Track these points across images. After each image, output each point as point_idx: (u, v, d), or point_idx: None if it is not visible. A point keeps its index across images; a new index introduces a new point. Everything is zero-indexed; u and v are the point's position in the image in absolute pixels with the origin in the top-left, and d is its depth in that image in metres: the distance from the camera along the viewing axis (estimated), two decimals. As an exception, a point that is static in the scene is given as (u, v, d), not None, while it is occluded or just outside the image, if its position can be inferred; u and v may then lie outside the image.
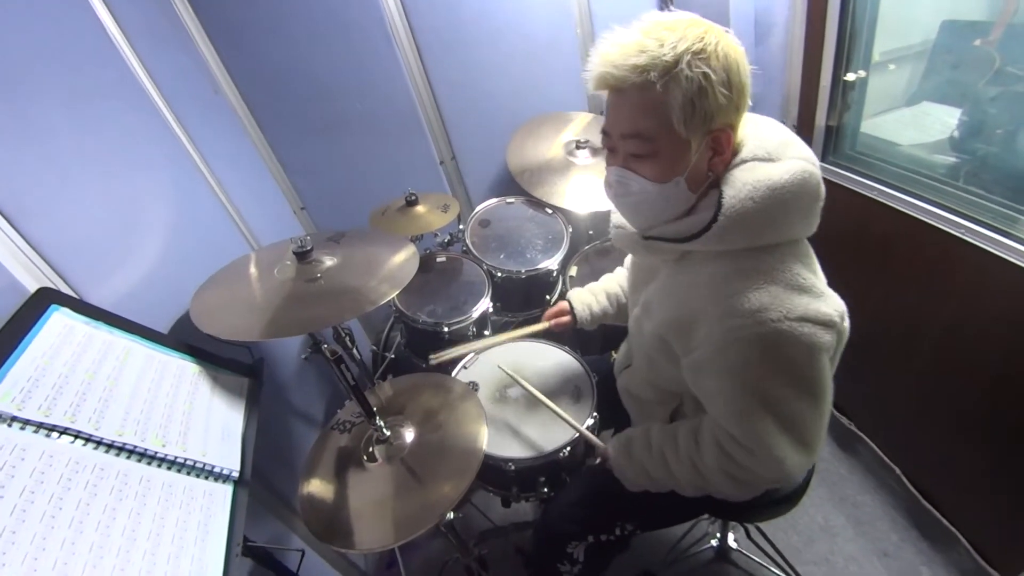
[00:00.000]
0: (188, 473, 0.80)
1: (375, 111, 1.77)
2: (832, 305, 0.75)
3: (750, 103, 0.76)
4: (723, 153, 0.76)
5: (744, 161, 0.77)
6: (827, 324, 0.74)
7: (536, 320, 1.34)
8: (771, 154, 0.76)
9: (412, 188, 1.62)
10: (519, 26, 1.75)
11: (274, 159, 1.77)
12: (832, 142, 1.56)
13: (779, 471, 0.81)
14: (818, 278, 0.78)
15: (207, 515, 0.78)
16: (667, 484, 0.97)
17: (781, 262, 0.75)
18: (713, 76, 0.69)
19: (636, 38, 0.71)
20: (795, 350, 0.73)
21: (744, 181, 0.74)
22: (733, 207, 0.74)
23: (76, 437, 0.70)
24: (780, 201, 0.73)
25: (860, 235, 1.46)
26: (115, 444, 0.73)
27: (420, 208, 1.60)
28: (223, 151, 1.47)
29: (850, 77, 1.47)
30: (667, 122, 0.72)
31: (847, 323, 0.79)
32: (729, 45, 0.71)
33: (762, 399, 0.76)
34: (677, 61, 0.68)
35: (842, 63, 1.45)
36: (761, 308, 0.72)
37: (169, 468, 0.78)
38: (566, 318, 1.28)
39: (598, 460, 1.08)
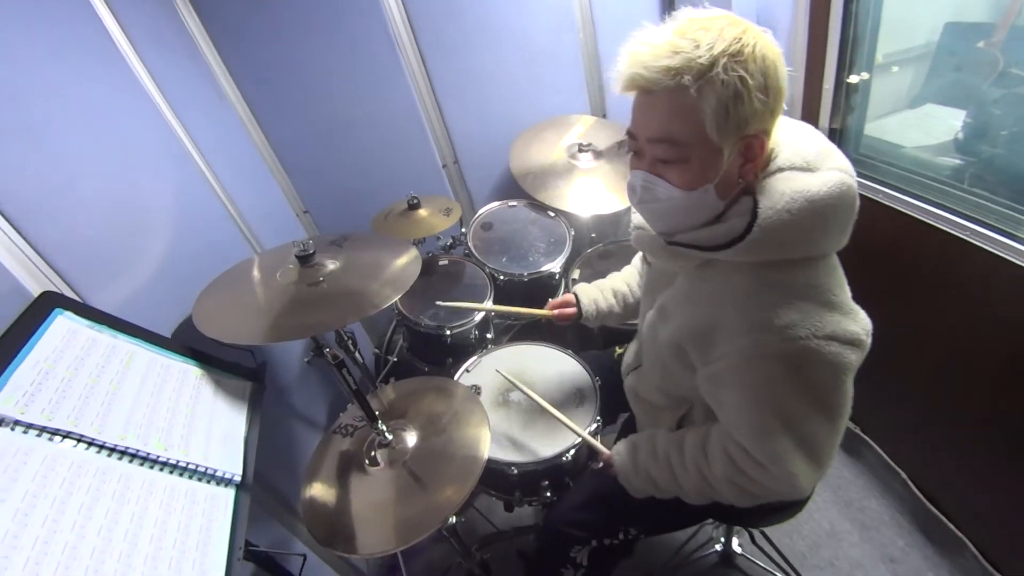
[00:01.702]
0: (190, 477, 0.80)
1: (378, 115, 1.77)
2: (860, 323, 0.73)
3: (786, 107, 0.73)
4: (755, 160, 0.72)
5: (781, 170, 0.74)
6: (854, 343, 0.71)
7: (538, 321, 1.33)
8: (809, 164, 0.73)
9: (415, 191, 1.62)
10: (521, 31, 1.76)
11: (277, 163, 1.78)
12: (836, 144, 1.55)
13: (790, 486, 0.80)
14: (846, 294, 0.76)
15: (209, 519, 0.77)
16: (672, 491, 0.95)
17: (812, 277, 0.73)
18: (750, 80, 0.65)
19: (669, 38, 0.67)
20: (821, 369, 0.71)
21: (781, 191, 0.71)
22: (769, 218, 0.70)
23: (79, 441, 0.70)
24: (818, 214, 0.70)
25: (864, 238, 1.41)
26: (117, 448, 0.74)
27: (422, 211, 1.61)
28: (227, 155, 1.47)
29: (853, 79, 1.46)
30: (699, 128, 0.68)
31: (870, 339, 0.76)
32: (767, 47, 0.68)
33: (782, 416, 0.74)
34: (713, 64, 0.64)
35: (845, 65, 1.45)
36: (790, 324, 0.69)
37: (171, 472, 0.78)
38: (571, 310, 1.26)
39: (600, 465, 1.07)
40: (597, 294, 1.26)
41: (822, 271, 0.74)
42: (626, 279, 1.27)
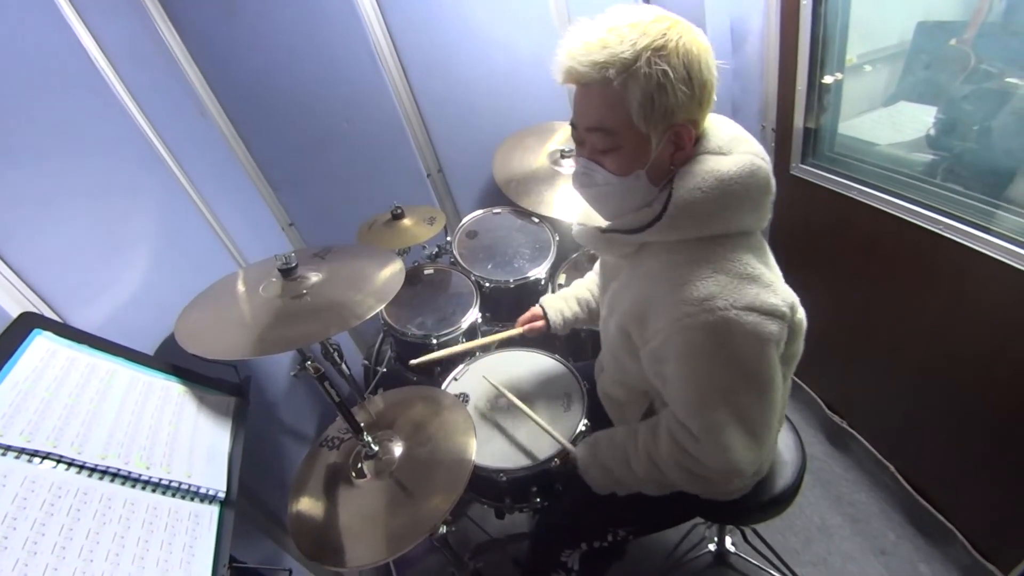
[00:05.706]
0: (173, 495, 0.79)
1: (361, 127, 1.78)
2: (780, 296, 0.76)
3: (715, 98, 0.77)
4: (684, 148, 0.78)
5: (699, 154, 0.78)
6: (773, 314, 0.74)
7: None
8: (722, 148, 0.78)
9: (400, 201, 1.63)
10: (502, 41, 1.77)
11: (261, 177, 1.78)
12: (811, 144, 1.58)
13: (726, 462, 0.81)
14: (770, 270, 0.80)
15: (193, 537, 0.77)
16: (628, 482, 0.97)
17: (732, 252, 0.76)
18: (672, 73, 0.70)
19: (599, 34, 0.72)
20: (742, 339, 0.73)
21: (694, 172, 0.76)
22: (682, 197, 0.75)
23: (59, 462, 0.70)
24: (729, 192, 0.75)
25: (841, 235, 1.47)
26: (98, 468, 0.73)
27: (406, 221, 1.61)
28: (209, 171, 1.47)
29: (827, 80, 1.49)
30: (627, 117, 0.73)
31: (801, 315, 0.80)
32: (692, 41, 0.72)
33: (710, 387, 0.78)
34: (636, 58, 0.70)
35: (817, 67, 1.48)
36: (709, 296, 0.73)
37: (153, 490, 0.78)
38: (540, 323, 1.29)
39: (557, 462, 1.08)
40: (562, 304, 1.29)
41: (742, 247, 0.78)
42: (588, 285, 1.31)
